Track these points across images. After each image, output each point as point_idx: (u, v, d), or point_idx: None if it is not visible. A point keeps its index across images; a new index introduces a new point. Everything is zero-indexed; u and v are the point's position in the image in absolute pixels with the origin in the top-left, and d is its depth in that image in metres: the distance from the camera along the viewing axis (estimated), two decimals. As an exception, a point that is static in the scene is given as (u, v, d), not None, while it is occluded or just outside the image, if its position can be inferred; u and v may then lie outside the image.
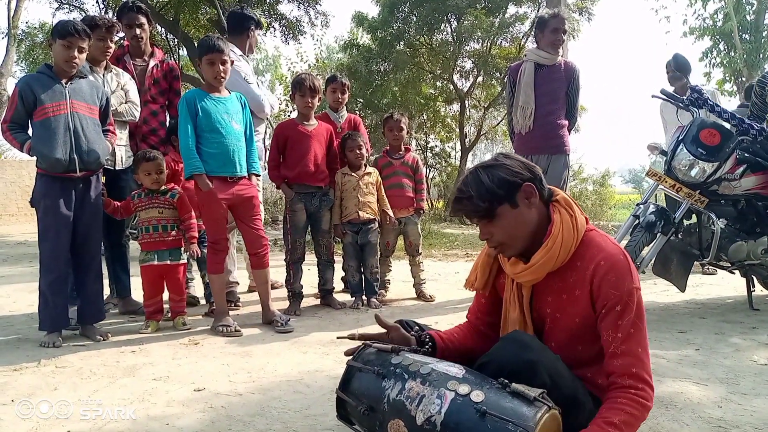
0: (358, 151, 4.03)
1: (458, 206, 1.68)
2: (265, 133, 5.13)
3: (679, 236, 3.71)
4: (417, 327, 1.87)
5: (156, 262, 3.45)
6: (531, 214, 1.65)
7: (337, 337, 1.83)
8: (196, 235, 3.54)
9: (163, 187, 3.50)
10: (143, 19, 3.96)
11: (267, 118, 4.63)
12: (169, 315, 3.57)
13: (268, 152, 4.46)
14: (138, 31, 3.93)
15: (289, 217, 3.97)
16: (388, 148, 4.49)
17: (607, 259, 1.59)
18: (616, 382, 1.52)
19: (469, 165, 15.11)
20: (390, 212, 4.20)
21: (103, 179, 3.39)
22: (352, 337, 1.79)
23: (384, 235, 4.26)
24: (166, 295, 3.57)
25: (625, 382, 1.51)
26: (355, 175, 4.05)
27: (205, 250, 3.57)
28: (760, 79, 4.02)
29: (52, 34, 3.09)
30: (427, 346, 1.77)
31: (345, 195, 4.06)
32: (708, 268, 5.06)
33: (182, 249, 3.52)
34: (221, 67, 3.36)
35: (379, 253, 4.22)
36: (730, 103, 16.65)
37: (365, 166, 4.14)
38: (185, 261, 3.58)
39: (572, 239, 1.63)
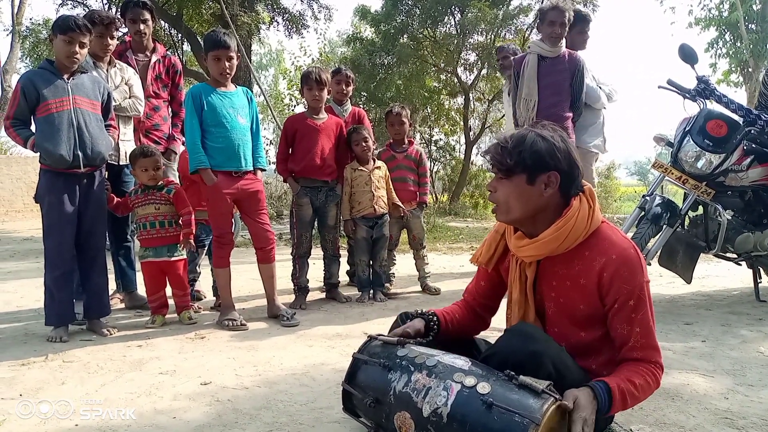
0: (364, 144, 4.02)
1: (492, 149, 1.70)
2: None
3: (686, 228, 3.69)
4: (421, 311, 1.88)
5: (153, 258, 3.45)
6: (539, 199, 1.64)
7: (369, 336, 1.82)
8: (193, 231, 3.53)
9: (159, 183, 3.50)
10: (148, 15, 3.96)
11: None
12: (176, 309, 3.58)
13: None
14: (142, 26, 3.93)
15: (295, 212, 3.97)
16: (391, 141, 4.48)
17: (620, 254, 1.60)
18: (640, 359, 1.60)
19: (474, 158, 15.13)
20: (401, 204, 4.20)
21: (106, 174, 3.40)
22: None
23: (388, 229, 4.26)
24: (170, 290, 3.57)
25: (648, 361, 1.61)
26: (365, 169, 4.04)
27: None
28: (767, 70, 4.00)
29: (53, 30, 3.08)
30: (432, 333, 1.79)
31: (356, 190, 4.05)
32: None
33: (179, 245, 3.51)
34: (227, 63, 3.35)
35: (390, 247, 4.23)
36: (736, 94, 16.56)
37: (374, 160, 4.13)
38: (185, 256, 3.58)
39: (583, 228, 1.63)
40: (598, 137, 4.43)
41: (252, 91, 3.70)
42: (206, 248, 4.04)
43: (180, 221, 3.49)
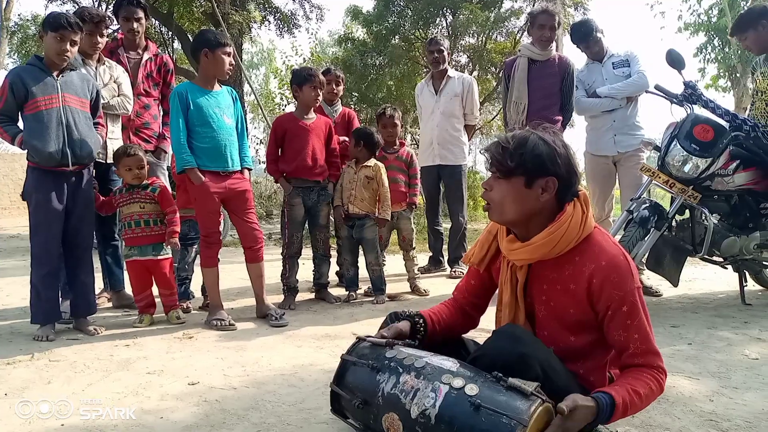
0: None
1: (492, 148, 1.68)
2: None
3: (673, 231, 3.72)
4: (408, 313, 1.88)
5: (138, 257, 3.43)
6: (535, 203, 1.64)
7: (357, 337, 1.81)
8: (178, 229, 3.50)
9: (144, 182, 3.48)
10: (141, 14, 3.94)
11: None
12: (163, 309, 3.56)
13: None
14: (135, 24, 3.91)
15: (286, 212, 3.96)
16: (383, 142, 4.48)
17: (609, 260, 1.60)
18: (642, 365, 1.60)
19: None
20: (386, 213, 4.06)
21: (93, 172, 3.37)
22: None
23: (375, 230, 4.24)
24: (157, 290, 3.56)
25: (651, 366, 1.60)
26: (353, 167, 4.04)
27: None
28: (752, 67, 4.06)
29: (44, 26, 3.06)
30: (419, 334, 1.79)
31: (344, 185, 4.06)
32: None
33: (164, 243, 3.49)
34: (229, 60, 3.39)
35: (378, 249, 4.18)
36: (725, 99, 16.72)
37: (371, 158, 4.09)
38: (170, 255, 3.56)
39: (576, 234, 1.63)
40: (603, 138, 4.30)
41: (243, 90, 3.70)
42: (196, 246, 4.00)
43: (165, 220, 3.47)
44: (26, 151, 3.03)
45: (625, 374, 1.61)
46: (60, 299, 3.22)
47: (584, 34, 4.32)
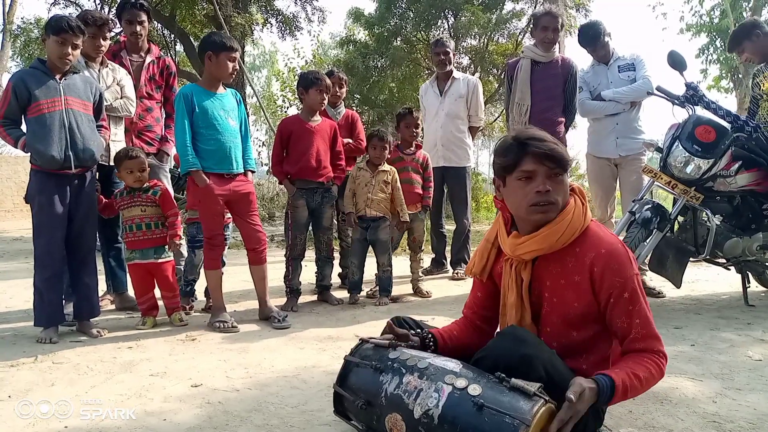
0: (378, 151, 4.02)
1: (556, 148, 1.67)
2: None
3: (675, 233, 3.72)
4: (416, 327, 1.88)
5: (140, 260, 3.43)
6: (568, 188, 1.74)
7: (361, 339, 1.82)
8: (180, 232, 3.51)
9: (145, 185, 3.48)
10: (144, 17, 3.95)
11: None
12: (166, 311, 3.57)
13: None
14: (138, 27, 3.91)
15: (290, 213, 3.96)
16: (399, 142, 4.47)
17: (608, 248, 1.65)
18: (643, 350, 1.63)
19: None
20: (405, 215, 4.10)
21: (97, 175, 3.38)
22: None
23: (389, 231, 4.23)
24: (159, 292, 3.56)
25: (652, 351, 1.65)
26: (369, 171, 4.04)
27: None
28: (754, 73, 4.07)
29: (46, 30, 3.07)
30: (429, 351, 1.79)
31: (357, 190, 4.05)
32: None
33: (166, 246, 3.49)
34: (233, 65, 3.40)
35: (390, 251, 4.18)
36: (726, 100, 16.69)
37: (383, 164, 4.08)
38: (171, 258, 3.56)
39: (579, 224, 1.68)
40: (605, 141, 4.34)
41: (245, 93, 3.71)
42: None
43: (166, 223, 3.47)
44: (29, 154, 3.04)
45: (626, 358, 1.64)
46: (63, 302, 3.23)
47: (593, 38, 4.33)
